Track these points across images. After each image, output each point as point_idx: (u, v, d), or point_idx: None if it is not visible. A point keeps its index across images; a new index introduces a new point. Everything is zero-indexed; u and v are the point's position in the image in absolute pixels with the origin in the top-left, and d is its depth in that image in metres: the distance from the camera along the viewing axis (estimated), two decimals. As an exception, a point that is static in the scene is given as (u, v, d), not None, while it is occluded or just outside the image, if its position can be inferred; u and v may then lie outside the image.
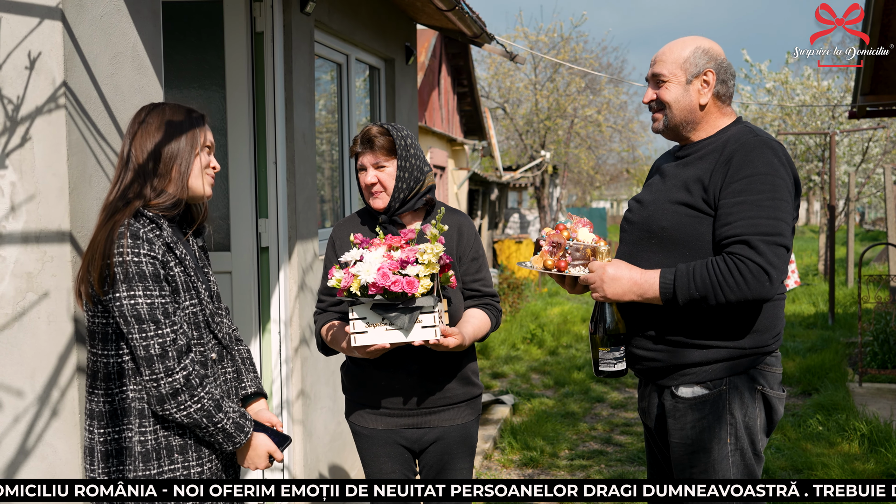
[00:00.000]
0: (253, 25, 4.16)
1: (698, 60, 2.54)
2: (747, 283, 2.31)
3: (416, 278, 2.53)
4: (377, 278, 2.50)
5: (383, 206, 2.83)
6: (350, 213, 5.45)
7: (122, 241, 2.18)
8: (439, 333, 2.59)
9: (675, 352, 2.50)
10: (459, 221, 2.93)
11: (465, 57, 19.01)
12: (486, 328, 2.87)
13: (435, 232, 2.60)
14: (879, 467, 5.22)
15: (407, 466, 2.89)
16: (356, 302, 2.58)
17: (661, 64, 2.58)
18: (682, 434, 2.51)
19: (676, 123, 2.59)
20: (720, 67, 2.56)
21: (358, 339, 2.60)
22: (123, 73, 2.79)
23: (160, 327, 2.17)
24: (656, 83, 2.60)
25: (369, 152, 2.82)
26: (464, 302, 2.91)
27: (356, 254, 2.61)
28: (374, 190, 2.82)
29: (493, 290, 2.96)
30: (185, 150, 2.32)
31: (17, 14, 2.50)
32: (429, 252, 2.54)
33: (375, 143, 2.80)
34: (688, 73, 2.55)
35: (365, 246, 2.65)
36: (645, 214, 2.58)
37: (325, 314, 2.97)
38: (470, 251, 2.90)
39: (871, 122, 16.75)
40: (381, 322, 2.58)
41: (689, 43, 2.57)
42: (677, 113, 2.57)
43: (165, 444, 2.25)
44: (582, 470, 5.51)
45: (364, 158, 2.83)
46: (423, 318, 2.57)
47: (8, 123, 2.52)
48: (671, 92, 2.57)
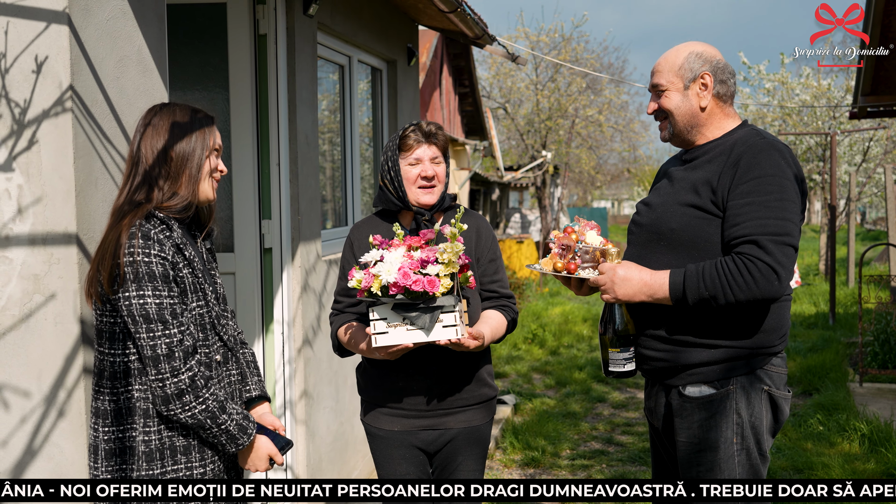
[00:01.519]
0: (256, 28, 4.18)
1: (693, 65, 2.58)
2: (756, 282, 2.34)
3: (437, 277, 2.54)
4: (398, 278, 2.51)
5: (434, 202, 2.86)
6: (351, 214, 5.48)
7: (133, 242, 2.19)
8: (460, 332, 2.60)
9: (683, 351, 2.52)
10: (478, 223, 2.95)
11: (466, 57, 19.02)
12: (503, 330, 2.90)
13: (455, 231, 2.61)
14: (880, 467, 5.24)
15: (421, 469, 2.89)
16: (377, 302, 2.59)
17: (658, 74, 2.63)
18: (688, 433, 2.54)
19: (681, 129, 2.62)
20: (716, 68, 2.59)
21: (379, 339, 2.61)
22: (129, 76, 2.81)
23: (168, 327, 2.19)
24: (657, 94, 2.65)
25: (431, 145, 2.84)
26: (481, 303, 2.93)
27: (376, 254, 2.62)
28: (433, 183, 2.84)
29: (510, 292, 2.98)
30: (196, 152, 2.33)
31: (24, 18, 2.52)
32: (448, 251, 2.56)
33: (438, 138, 2.85)
34: (684, 78, 2.58)
35: (384, 246, 2.66)
36: (654, 217, 2.61)
37: (342, 315, 2.97)
38: (488, 253, 2.92)
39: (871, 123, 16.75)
40: (402, 322, 2.59)
41: (683, 49, 2.61)
42: (680, 119, 2.60)
43: (169, 444, 2.26)
44: (583, 470, 5.53)
45: (421, 151, 2.84)
46: (444, 317, 2.59)
47: (15, 127, 2.54)
48: (671, 100, 2.60)
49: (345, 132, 5.40)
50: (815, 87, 19.22)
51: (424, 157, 2.84)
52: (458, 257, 2.58)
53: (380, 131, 6.04)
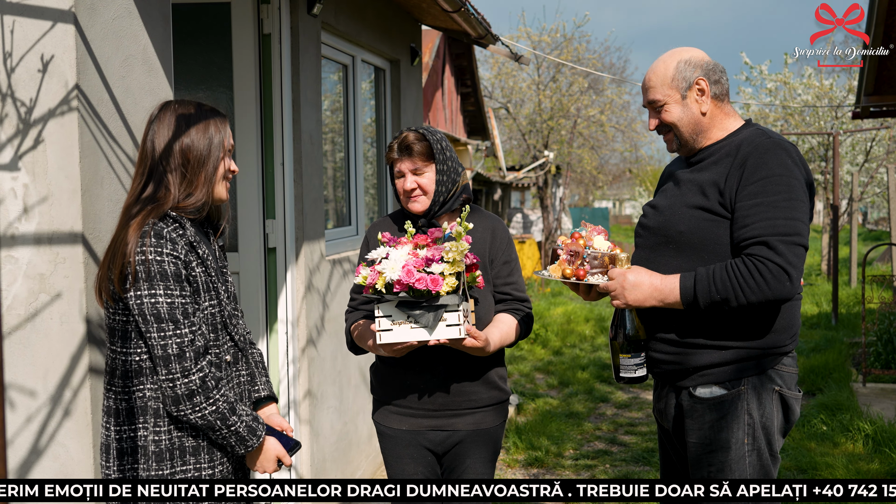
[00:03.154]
0: (260, 27, 4.17)
1: (685, 73, 2.56)
2: (768, 283, 2.33)
3: (441, 276, 2.54)
4: (402, 275, 2.51)
5: (423, 210, 2.85)
6: (355, 214, 5.48)
7: (145, 240, 2.17)
8: (463, 332, 2.59)
9: (693, 353, 2.51)
10: (493, 224, 2.94)
11: (468, 57, 19.01)
12: (514, 334, 2.87)
13: (460, 230, 2.61)
14: (884, 467, 5.23)
15: (430, 470, 2.88)
16: (382, 299, 2.60)
17: (653, 90, 2.60)
18: (699, 434, 2.53)
19: (687, 139, 2.60)
20: (708, 71, 2.57)
21: (383, 336, 2.62)
22: (135, 75, 2.81)
23: (179, 327, 2.17)
24: (654, 109, 2.62)
25: (407, 159, 2.83)
26: (494, 306, 2.91)
27: (382, 251, 2.62)
28: (414, 195, 2.84)
29: (525, 296, 2.95)
30: (214, 154, 2.30)
31: (30, 17, 2.52)
32: (453, 250, 2.55)
33: (413, 150, 2.82)
34: (680, 89, 2.57)
35: (392, 244, 2.66)
36: (661, 220, 2.60)
37: (355, 312, 2.98)
38: (502, 254, 2.90)
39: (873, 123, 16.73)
40: (406, 320, 2.59)
41: (670, 60, 2.59)
42: (685, 129, 2.59)
43: (179, 444, 2.25)
44: (587, 470, 5.53)
45: (402, 165, 2.84)
46: (448, 316, 2.58)
47: (21, 126, 2.54)
48: (672, 113, 2.59)
49: (348, 132, 5.39)
50: (818, 87, 19.21)
51: (405, 170, 2.84)
52: (463, 256, 2.57)
53: (383, 131, 6.04)
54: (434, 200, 2.84)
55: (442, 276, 2.54)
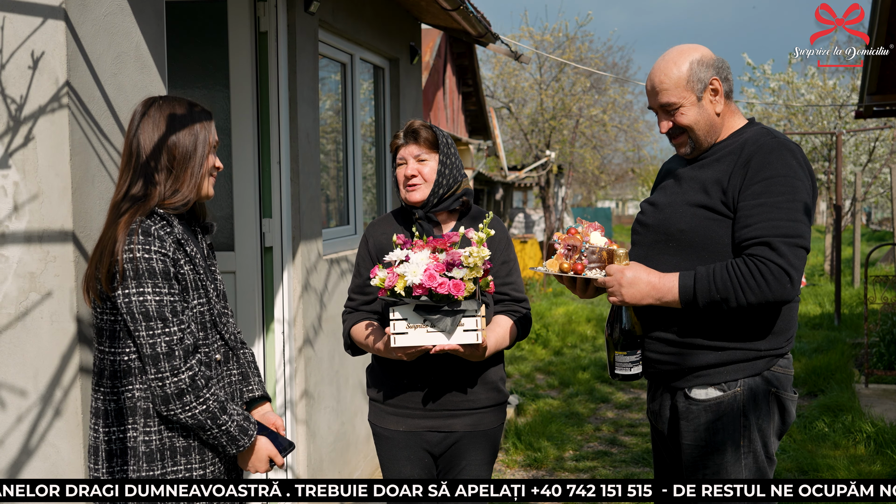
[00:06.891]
0: (257, 25, 4.15)
1: (700, 74, 2.49)
2: (768, 284, 2.30)
3: (462, 281, 2.52)
4: (424, 280, 2.49)
5: (421, 200, 2.82)
6: (353, 213, 5.46)
7: (132, 238, 2.15)
8: (480, 337, 2.58)
9: (689, 354, 2.48)
10: (491, 225, 2.91)
11: (469, 56, 18.99)
12: (509, 338, 2.84)
13: (482, 236, 2.59)
14: (886, 469, 5.19)
15: (427, 472, 2.86)
16: (398, 302, 2.57)
17: (666, 93, 2.51)
18: (694, 436, 2.50)
19: (702, 141, 2.55)
20: (719, 69, 2.53)
21: (398, 339, 2.59)
22: (126, 73, 2.78)
23: (168, 325, 2.15)
24: (668, 112, 2.54)
25: (413, 144, 2.83)
26: (493, 306, 2.89)
27: (401, 254, 2.60)
28: (414, 182, 2.82)
29: (523, 296, 2.92)
30: (199, 150, 2.29)
31: (20, 14, 2.50)
32: (474, 255, 2.53)
33: (420, 136, 2.82)
34: (696, 90, 2.50)
35: (408, 247, 2.63)
36: (661, 217, 2.56)
37: (356, 313, 2.95)
38: (500, 254, 2.88)
39: (877, 122, 16.69)
40: (423, 324, 2.57)
41: (681, 61, 2.51)
42: (701, 131, 2.53)
43: (169, 445, 2.23)
44: (588, 471, 5.50)
45: (406, 150, 2.84)
46: (466, 321, 2.57)
47: (11, 123, 2.51)
48: (688, 115, 2.51)
49: (347, 131, 5.37)
50: (821, 87, 19.17)
51: (408, 156, 2.83)
52: (483, 262, 2.56)
53: (382, 130, 6.02)
54: (433, 192, 2.81)
55: (463, 282, 2.53)
